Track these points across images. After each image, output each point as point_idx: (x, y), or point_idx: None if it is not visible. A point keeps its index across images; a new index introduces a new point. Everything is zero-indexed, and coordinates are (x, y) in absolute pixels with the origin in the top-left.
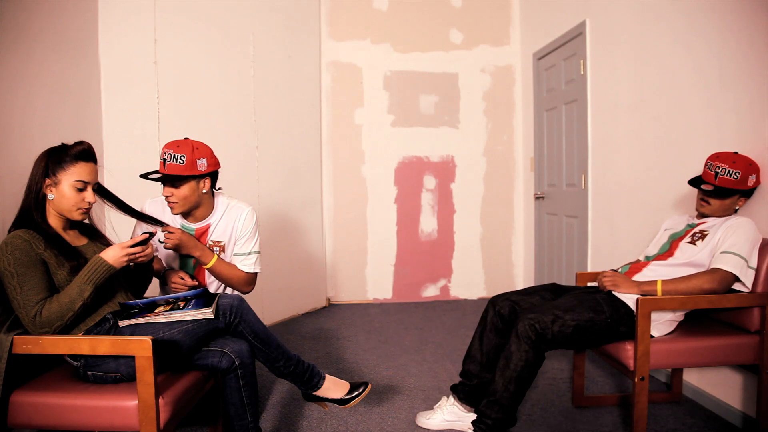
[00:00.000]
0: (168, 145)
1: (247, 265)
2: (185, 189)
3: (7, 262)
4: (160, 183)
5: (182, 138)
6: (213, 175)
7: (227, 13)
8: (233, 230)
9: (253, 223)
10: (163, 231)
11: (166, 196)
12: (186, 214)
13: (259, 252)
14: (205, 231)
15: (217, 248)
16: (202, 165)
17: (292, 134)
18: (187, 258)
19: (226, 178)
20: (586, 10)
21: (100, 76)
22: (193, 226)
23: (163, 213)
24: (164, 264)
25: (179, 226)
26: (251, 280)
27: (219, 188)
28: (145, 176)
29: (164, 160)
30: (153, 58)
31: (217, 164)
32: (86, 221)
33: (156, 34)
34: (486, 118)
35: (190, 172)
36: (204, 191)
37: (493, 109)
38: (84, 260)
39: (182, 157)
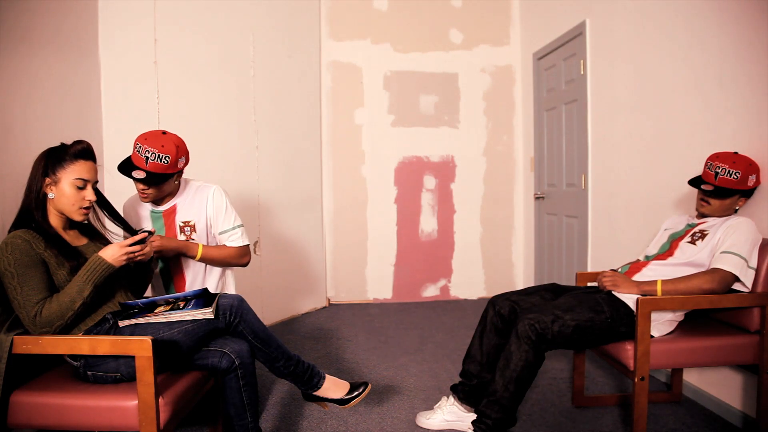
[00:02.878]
0: (150, 142)
1: (235, 240)
2: (165, 185)
3: (7, 263)
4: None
5: (159, 131)
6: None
7: (227, 13)
8: (203, 210)
9: (224, 199)
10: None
11: (141, 190)
12: (156, 201)
13: (242, 225)
14: (172, 211)
15: (188, 228)
16: (182, 162)
17: (292, 134)
18: (163, 261)
19: (227, 178)
20: (586, 10)
21: (100, 76)
22: (161, 208)
23: (137, 206)
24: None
25: (149, 212)
26: (244, 252)
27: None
28: (126, 174)
29: (146, 157)
30: (153, 58)
31: (189, 157)
32: (85, 221)
33: (156, 34)
34: (486, 118)
35: (172, 171)
36: (176, 183)
37: (493, 109)
38: (84, 260)
39: (167, 158)
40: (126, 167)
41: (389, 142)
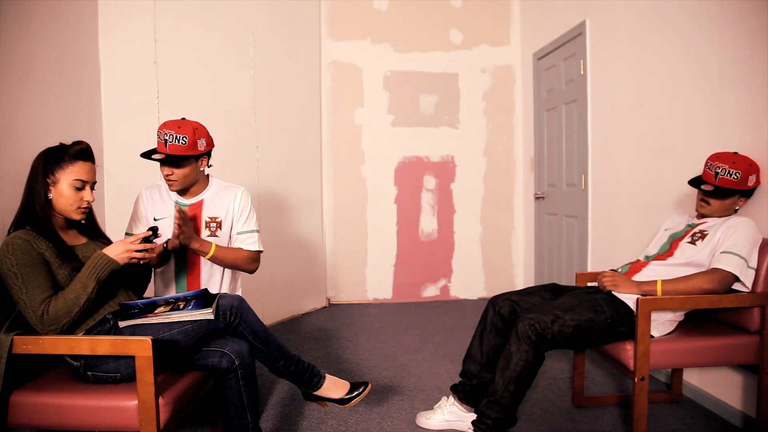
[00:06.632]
0: (167, 125)
1: (251, 243)
2: (186, 168)
3: (10, 263)
4: (159, 163)
5: (179, 118)
6: (209, 154)
7: (227, 14)
8: (230, 209)
9: (250, 202)
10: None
11: (167, 175)
12: (182, 192)
13: (259, 231)
14: (199, 206)
15: (214, 224)
16: (201, 145)
17: (292, 134)
18: (179, 255)
19: (227, 178)
20: (586, 10)
21: (100, 76)
22: (188, 201)
23: (159, 195)
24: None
25: (173, 202)
26: (256, 257)
27: (211, 165)
28: (146, 156)
29: (165, 140)
30: (153, 58)
31: (212, 143)
32: (83, 221)
33: (156, 34)
34: (486, 118)
35: (191, 152)
36: (201, 169)
37: (493, 109)
38: (84, 258)
39: (184, 138)
40: (150, 155)
41: (389, 142)
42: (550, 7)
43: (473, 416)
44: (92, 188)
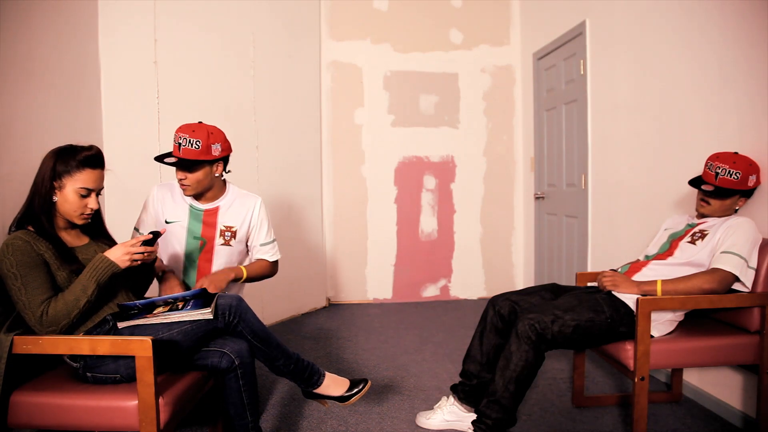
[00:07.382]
0: (183, 129)
1: (273, 253)
2: (200, 173)
3: (9, 264)
4: (173, 167)
5: (196, 122)
6: (225, 159)
7: (227, 14)
8: (246, 219)
9: (267, 212)
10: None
11: (180, 179)
12: (197, 196)
13: (275, 239)
14: (214, 212)
15: (229, 233)
16: (216, 150)
17: (292, 134)
18: (189, 259)
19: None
20: (586, 10)
21: (100, 76)
22: (203, 206)
23: (172, 196)
24: (164, 263)
25: (188, 206)
26: (277, 266)
27: (229, 170)
28: (159, 159)
29: (179, 144)
30: (153, 58)
31: (229, 148)
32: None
33: (156, 34)
34: (486, 118)
35: (205, 157)
36: (217, 174)
37: (493, 109)
38: (85, 260)
39: (198, 142)
40: (163, 158)
41: (389, 142)
42: (550, 7)
43: (473, 416)
44: (98, 194)
